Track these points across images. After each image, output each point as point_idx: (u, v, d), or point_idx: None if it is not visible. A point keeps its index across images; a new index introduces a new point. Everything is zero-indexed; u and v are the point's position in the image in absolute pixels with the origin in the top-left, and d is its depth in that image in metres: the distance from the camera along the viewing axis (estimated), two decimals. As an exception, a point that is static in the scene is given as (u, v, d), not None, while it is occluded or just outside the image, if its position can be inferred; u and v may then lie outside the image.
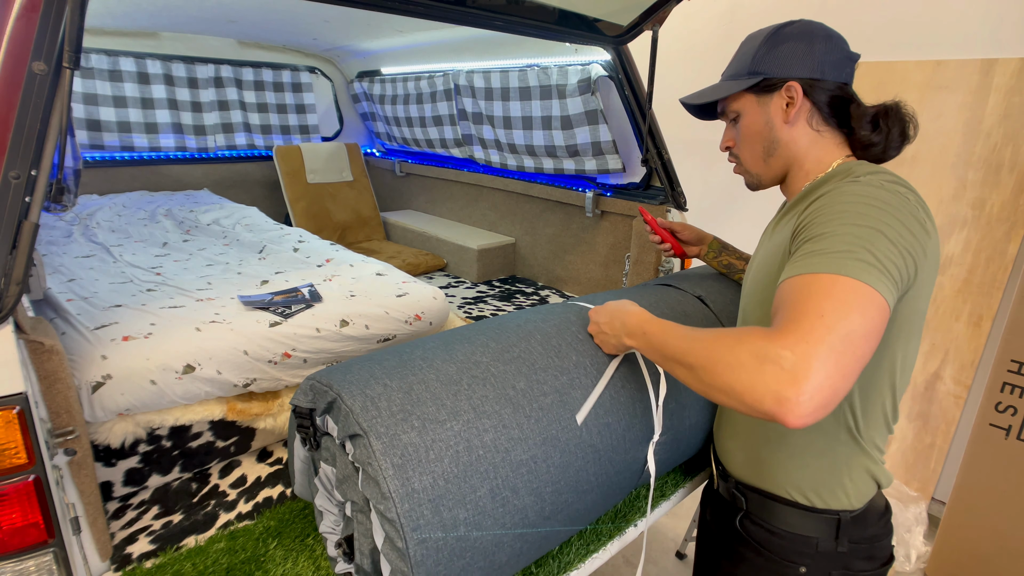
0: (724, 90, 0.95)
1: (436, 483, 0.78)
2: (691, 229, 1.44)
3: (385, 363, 0.89)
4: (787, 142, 0.92)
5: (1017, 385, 1.80)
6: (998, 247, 2.02)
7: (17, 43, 0.73)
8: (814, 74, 0.88)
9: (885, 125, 0.87)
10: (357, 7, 1.32)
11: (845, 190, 0.76)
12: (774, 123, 0.92)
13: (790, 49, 0.89)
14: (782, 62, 0.90)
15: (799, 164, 0.93)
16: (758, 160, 0.97)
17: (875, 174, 0.79)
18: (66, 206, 0.98)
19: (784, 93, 0.90)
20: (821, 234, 0.72)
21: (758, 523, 0.95)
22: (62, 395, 0.94)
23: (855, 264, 0.66)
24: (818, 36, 0.89)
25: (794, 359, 0.60)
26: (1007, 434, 1.82)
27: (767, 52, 0.91)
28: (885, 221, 0.70)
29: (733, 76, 0.96)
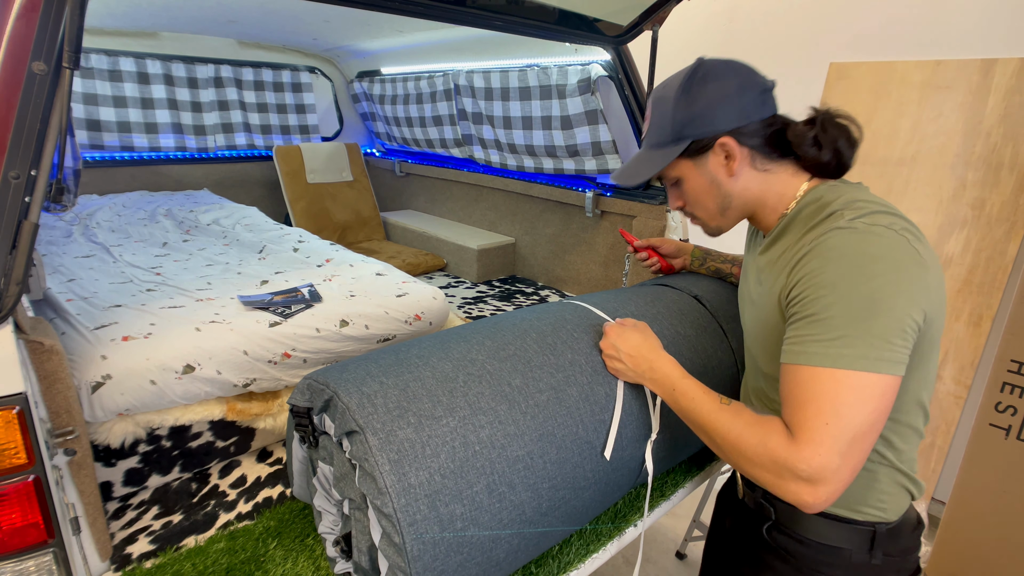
0: (655, 165, 0.91)
1: (432, 478, 0.78)
2: (670, 242, 1.46)
3: (381, 361, 0.90)
4: (739, 192, 0.90)
5: (1017, 385, 1.80)
6: (998, 247, 2.02)
7: (17, 43, 0.73)
8: (741, 122, 0.85)
9: (827, 141, 0.85)
10: (357, 7, 1.32)
11: (832, 246, 0.73)
12: (719, 180, 0.90)
13: (708, 103, 0.86)
14: (704, 120, 0.86)
15: (761, 205, 0.91)
16: (715, 216, 0.95)
17: (857, 211, 0.76)
18: (66, 206, 0.98)
19: (719, 150, 0.87)
20: (813, 314, 0.72)
21: (787, 533, 0.92)
22: (62, 395, 0.94)
23: (851, 353, 0.68)
24: (730, 80, 0.86)
25: (810, 472, 0.69)
26: (1007, 434, 1.82)
27: (685, 112, 0.87)
28: (879, 286, 0.69)
29: (657, 144, 0.92)
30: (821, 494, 0.69)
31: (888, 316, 0.68)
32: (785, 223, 0.87)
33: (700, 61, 0.88)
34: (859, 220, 0.74)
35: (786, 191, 0.88)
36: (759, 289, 0.91)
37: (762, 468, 0.73)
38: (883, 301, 0.68)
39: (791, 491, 0.71)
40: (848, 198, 0.80)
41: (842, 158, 0.85)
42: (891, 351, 0.68)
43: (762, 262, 0.91)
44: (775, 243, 0.89)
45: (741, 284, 1.04)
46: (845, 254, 0.72)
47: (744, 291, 1.01)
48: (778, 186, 0.89)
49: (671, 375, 0.90)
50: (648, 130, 0.94)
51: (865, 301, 0.69)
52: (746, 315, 0.98)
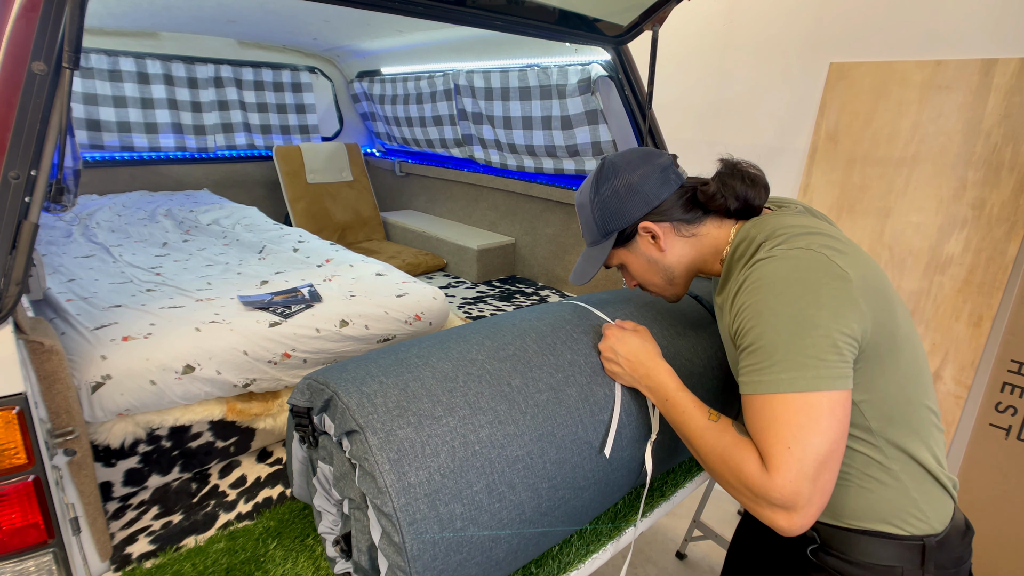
0: (596, 260, 1.01)
1: (432, 478, 0.78)
2: None
3: (381, 361, 0.90)
4: (676, 262, 0.97)
5: (1017, 385, 1.80)
6: (998, 247, 2.02)
7: (17, 43, 0.73)
8: (651, 205, 0.94)
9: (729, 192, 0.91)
10: (357, 7, 1.32)
11: (756, 278, 0.78)
12: (654, 258, 0.98)
13: (617, 198, 0.95)
14: (619, 213, 0.96)
15: (702, 262, 0.97)
16: (664, 287, 1.02)
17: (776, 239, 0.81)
18: (66, 206, 0.98)
19: (643, 233, 0.96)
20: (750, 345, 0.76)
21: (835, 555, 0.90)
22: (62, 395, 0.94)
23: (789, 377, 0.71)
24: (631, 172, 0.95)
25: (782, 499, 0.71)
26: (1007, 434, 1.82)
27: (601, 211, 0.97)
28: (800, 307, 0.72)
29: (592, 243, 1.03)
30: (796, 520, 0.71)
31: (814, 333, 0.71)
32: (726, 266, 0.92)
33: (602, 160, 1.00)
34: (777, 248, 0.79)
35: (718, 242, 0.95)
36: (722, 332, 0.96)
37: (739, 492, 0.76)
38: (806, 320, 0.72)
39: (766, 517, 0.73)
40: (770, 229, 0.84)
41: (751, 201, 0.92)
42: (827, 367, 0.71)
43: (720, 305, 0.94)
44: (724, 286, 0.92)
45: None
46: (765, 283, 0.76)
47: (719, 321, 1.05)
48: (708, 241, 0.95)
49: (667, 385, 0.92)
50: (583, 232, 1.05)
51: (789, 324, 0.72)
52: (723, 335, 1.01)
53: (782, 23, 2.44)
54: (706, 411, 0.85)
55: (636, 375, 0.97)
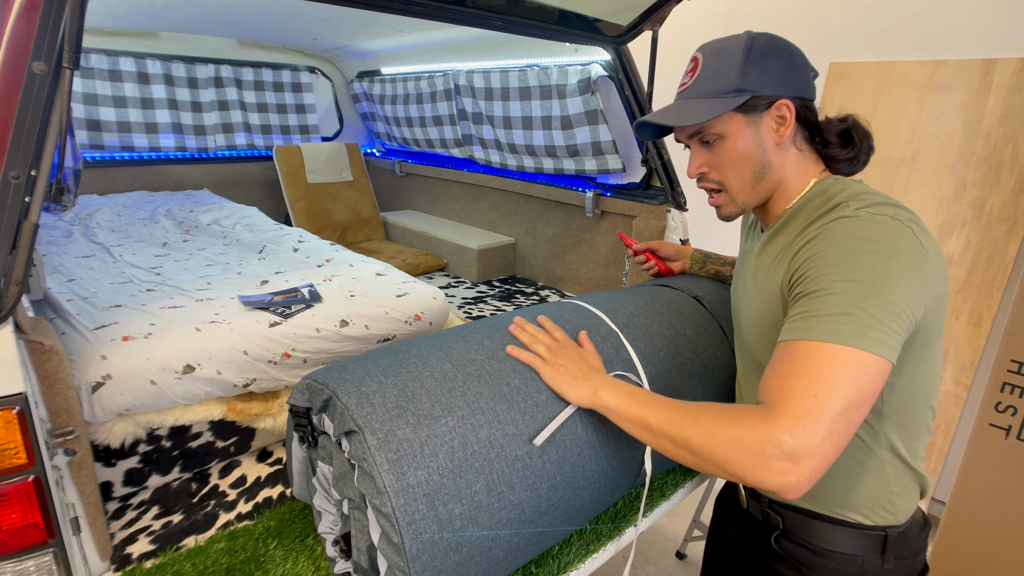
0: (711, 110, 0.84)
1: (431, 478, 0.78)
2: (669, 245, 1.45)
3: (380, 361, 0.90)
4: (776, 165, 0.87)
5: (1017, 385, 1.80)
6: (998, 247, 2.02)
7: (17, 43, 0.73)
8: (799, 92, 0.85)
9: (855, 139, 0.87)
10: (357, 7, 1.32)
11: (836, 231, 0.74)
12: (766, 145, 0.86)
13: (774, 65, 0.84)
14: (770, 79, 0.83)
15: (783, 187, 0.89)
16: (747, 187, 0.89)
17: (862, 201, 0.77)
18: (66, 206, 0.98)
19: (775, 112, 0.84)
20: (815, 291, 0.72)
21: (798, 542, 0.91)
22: (62, 395, 0.94)
23: (849, 330, 0.67)
24: (795, 52, 0.86)
25: (793, 443, 0.65)
26: (1007, 434, 1.82)
27: (751, 67, 0.83)
28: (880, 268, 0.69)
29: (713, 93, 0.85)
30: (804, 470, 0.64)
31: (886, 299, 0.68)
32: (790, 214, 0.88)
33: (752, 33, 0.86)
34: (864, 209, 0.75)
35: (804, 178, 0.88)
36: (759, 283, 0.90)
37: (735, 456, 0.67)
38: (882, 284, 0.68)
39: (773, 470, 0.65)
40: (853, 191, 0.81)
41: (858, 158, 0.88)
42: (887, 334, 0.68)
43: (765, 255, 0.90)
44: (777, 235, 0.89)
45: (736, 281, 1.03)
46: (848, 236, 0.73)
47: (740, 288, 0.99)
48: (803, 172, 0.88)
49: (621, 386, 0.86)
50: (695, 81, 0.88)
51: (865, 282, 0.69)
52: (743, 311, 0.96)
53: (782, 23, 2.44)
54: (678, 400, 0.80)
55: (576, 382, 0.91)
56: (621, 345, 1.07)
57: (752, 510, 1.00)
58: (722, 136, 0.86)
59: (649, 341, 1.11)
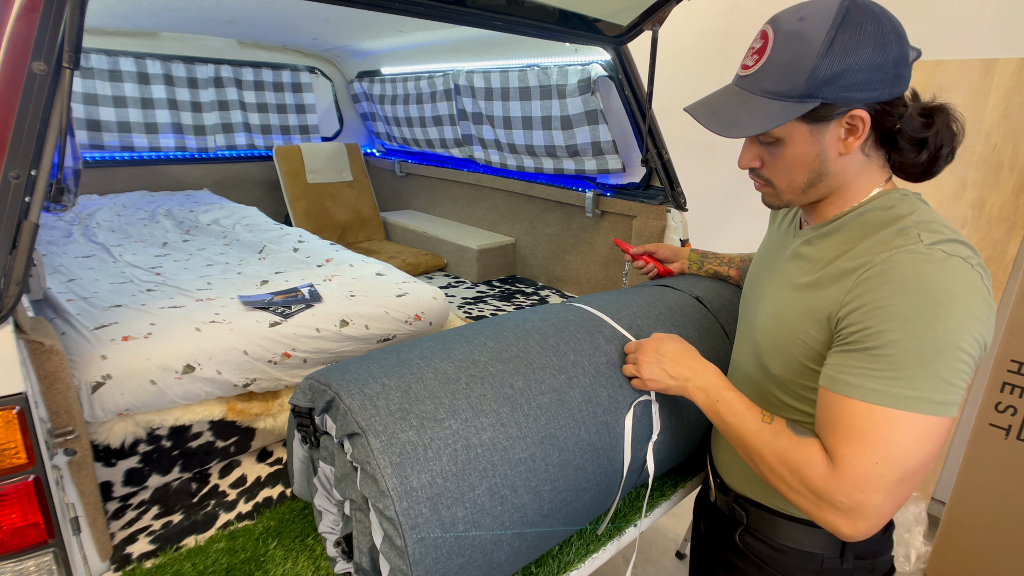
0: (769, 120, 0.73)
1: (434, 481, 0.78)
2: (666, 247, 1.45)
3: (383, 362, 0.90)
4: (838, 172, 0.77)
5: (1017, 385, 1.80)
6: (998, 247, 2.02)
7: (17, 43, 0.73)
8: (883, 96, 0.71)
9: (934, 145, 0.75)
10: (357, 7, 1.32)
11: (908, 273, 0.66)
12: (827, 155, 0.76)
13: (860, 65, 0.69)
14: (852, 84, 0.70)
15: (840, 192, 0.80)
16: (797, 191, 0.81)
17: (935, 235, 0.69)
18: (66, 206, 0.98)
19: (846, 121, 0.73)
20: (879, 347, 0.66)
21: (760, 538, 0.92)
22: (62, 395, 0.94)
23: (915, 396, 0.65)
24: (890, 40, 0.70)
25: (850, 505, 0.67)
26: (1007, 434, 1.82)
27: (833, 68, 0.69)
28: (955, 327, 0.64)
29: (776, 93, 0.73)
30: (860, 527, 0.67)
31: (956, 359, 0.65)
32: (844, 221, 0.79)
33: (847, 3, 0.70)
34: (938, 247, 0.67)
35: (863, 186, 0.79)
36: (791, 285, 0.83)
37: (799, 495, 0.72)
38: (954, 344, 0.64)
39: (828, 521, 0.69)
40: (923, 216, 0.72)
41: (936, 166, 0.77)
42: (953, 394, 0.65)
43: (805, 253, 0.83)
44: (825, 238, 0.81)
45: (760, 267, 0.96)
46: (921, 286, 0.65)
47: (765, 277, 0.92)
48: (866, 178, 0.79)
49: (715, 383, 0.87)
50: (761, 69, 0.74)
51: (937, 342, 0.64)
52: (763, 305, 0.89)
53: (782, 23, 2.43)
54: (758, 411, 0.81)
55: (681, 374, 0.90)
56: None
57: (719, 503, 1.01)
58: (781, 140, 0.77)
59: None
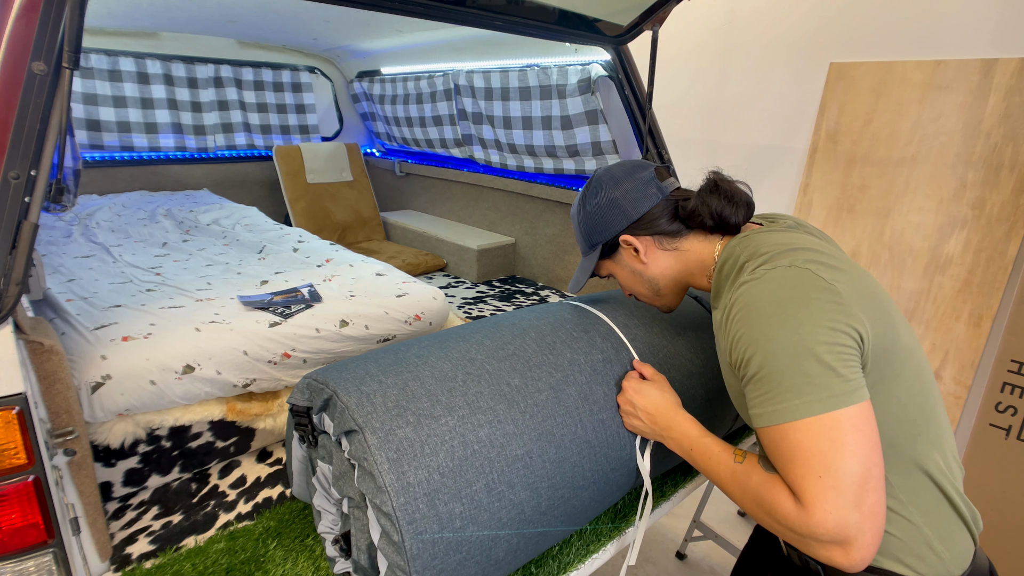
0: (586, 270, 1.05)
1: (432, 477, 0.78)
2: None
3: (381, 361, 0.90)
4: (660, 274, 0.98)
5: (1017, 385, 1.80)
6: (998, 247, 2.02)
7: (17, 43, 0.73)
8: (631, 219, 0.95)
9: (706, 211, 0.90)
10: (357, 7, 1.32)
11: (745, 302, 0.75)
12: (637, 269, 0.99)
13: (600, 212, 0.98)
14: (602, 226, 0.98)
15: (689, 276, 0.97)
16: (653, 298, 1.03)
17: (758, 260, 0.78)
18: (66, 206, 0.98)
19: (625, 246, 0.98)
20: (755, 375, 0.72)
21: None
22: (62, 395, 0.94)
23: (802, 402, 0.67)
24: (607, 186, 0.97)
25: (830, 535, 0.66)
26: (1007, 434, 1.82)
27: (587, 224, 1.01)
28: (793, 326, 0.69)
29: (583, 252, 1.06)
30: (853, 554, 0.66)
31: (816, 351, 0.67)
32: (715, 284, 0.90)
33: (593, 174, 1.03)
34: (760, 268, 0.76)
35: (704, 257, 0.94)
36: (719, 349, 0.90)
37: (785, 536, 0.71)
38: (804, 340, 0.68)
39: (822, 556, 0.68)
40: (753, 248, 0.82)
41: (727, 218, 0.90)
42: (838, 383, 0.67)
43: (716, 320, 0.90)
44: (716, 302, 0.90)
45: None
46: (754, 308, 0.73)
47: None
48: (693, 256, 0.95)
49: (689, 434, 0.90)
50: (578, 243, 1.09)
51: (788, 347, 0.69)
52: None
53: (782, 23, 2.44)
54: (731, 453, 0.82)
55: (657, 428, 0.95)
56: (622, 345, 1.07)
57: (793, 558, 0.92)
58: (612, 274, 1.06)
59: (649, 341, 1.11)
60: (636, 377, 1.00)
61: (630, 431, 1.01)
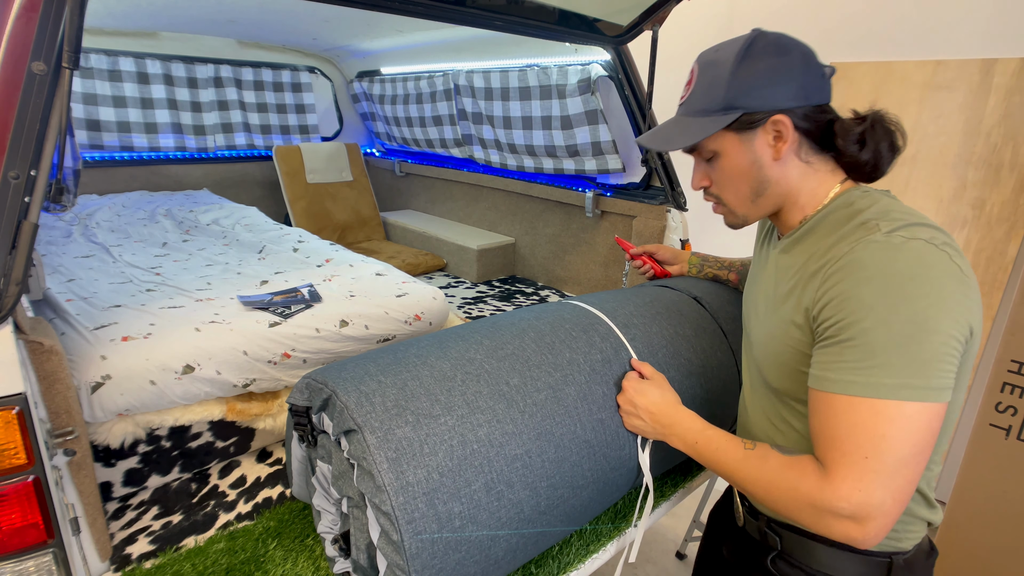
0: (698, 132, 0.82)
1: (431, 476, 0.78)
2: (667, 249, 1.44)
3: (380, 361, 0.90)
4: (777, 180, 0.82)
5: (1017, 385, 1.80)
6: (998, 247, 2.02)
7: (17, 43, 0.74)
8: (799, 101, 0.78)
9: (872, 142, 0.80)
10: (357, 7, 1.32)
11: (867, 262, 0.68)
12: (762, 162, 0.82)
13: (768, 74, 0.78)
14: (762, 92, 0.78)
15: (792, 200, 0.84)
16: (745, 202, 0.86)
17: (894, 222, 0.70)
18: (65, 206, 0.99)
19: (770, 128, 0.79)
20: (850, 338, 0.67)
21: (795, 564, 0.87)
22: (62, 395, 0.94)
23: (892, 383, 0.64)
24: (795, 54, 0.78)
25: (851, 509, 0.65)
26: (1007, 434, 1.82)
27: (743, 80, 0.78)
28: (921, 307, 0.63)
29: (703, 111, 0.82)
30: (870, 530, 0.65)
31: (932, 339, 0.63)
32: (811, 225, 0.82)
33: (759, 32, 0.81)
34: (896, 233, 0.69)
35: (819, 189, 0.83)
36: (776, 297, 0.85)
37: (799, 512, 0.70)
38: (924, 324, 0.63)
39: (837, 532, 0.67)
40: (883, 207, 0.75)
41: (880, 162, 0.81)
42: (937, 377, 0.64)
43: (782, 263, 0.85)
44: (797, 244, 0.84)
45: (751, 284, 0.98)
46: (882, 272, 0.66)
47: (753, 296, 0.94)
48: (815, 183, 0.83)
49: (692, 428, 0.88)
50: (690, 95, 0.84)
51: (907, 324, 0.63)
52: (754, 323, 0.92)
53: (782, 23, 2.44)
54: (739, 443, 0.81)
55: (659, 426, 0.93)
56: (621, 345, 1.07)
57: (749, 528, 0.96)
58: (718, 154, 0.84)
59: (648, 341, 1.11)
60: (636, 377, 0.99)
61: (631, 431, 1.00)
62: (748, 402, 0.96)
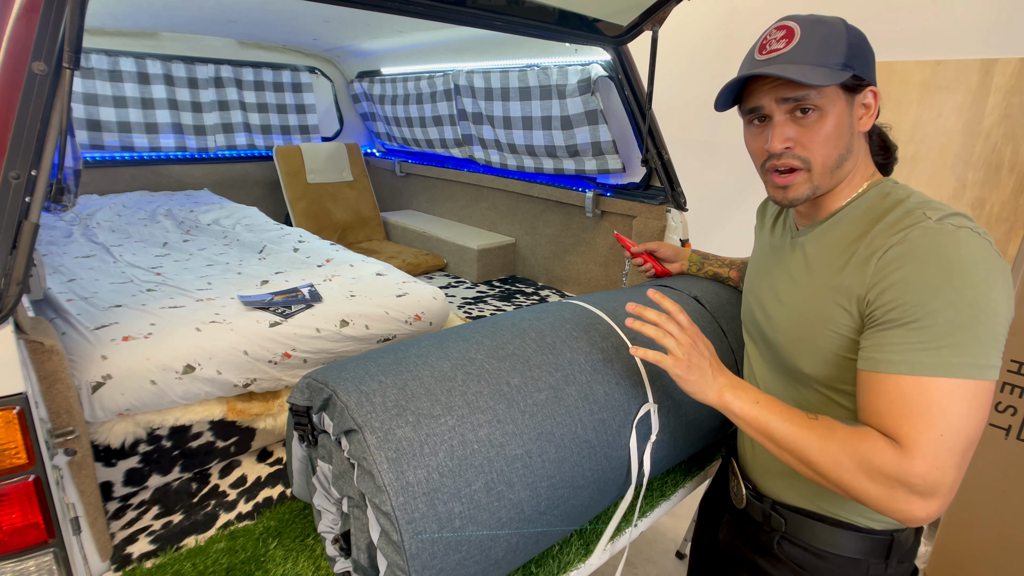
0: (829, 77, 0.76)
1: (431, 476, 0.78)
2: (667, 247, 1.44)
3: (380, 361, 0.90)
4: (855, 152, 0.83)
5: (1017, 385, 1.80)
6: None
7: (17, 43, 0.74)
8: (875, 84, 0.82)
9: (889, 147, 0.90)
10: (357, 7, 1.32)
11: (927, 247, 0.70)
12: (854, 128, 0.81)
13: (867, 51, 0.80)
14: (867, 60, 0.80)
15: (848, 179, 0.84)
16: (830, 167, 0.81)
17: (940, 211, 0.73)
18: (66, 206, 0.98)
19: (867, 96, 0.81)
20: (915, 320, 0.69)
21: (800, 545, 0.89)
22: (62, 395, 0.94)
23: (960, 362, 0.67)
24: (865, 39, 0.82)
25: (925, 487, 0.67)
26: (1007, 434, 1.82)
27: (854, 45, 0.78)
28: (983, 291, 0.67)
29: (821, 63, 0.76)
30: (933, 508, 0.68)
31: (992, 322, 0.67)
32: (844, 213, 0.84)
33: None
34: (946, 221, 0.72)
35: (859, 176, 0.85)
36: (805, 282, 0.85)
37: (868, 483, 0.69)
38: (986, 306, 0.67)
39: (901, 506, 0.68)
40: (921, 198, 0.78)
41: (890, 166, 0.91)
42: (995, 356, 0.67)
43: (813, 250, 0.86)
44: (829, 232, 0.84)
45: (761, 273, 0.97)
46: (946, 257, 0.69)
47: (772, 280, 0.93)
48: (863, 167, 0.85)
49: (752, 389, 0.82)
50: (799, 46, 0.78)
51: (970, 307, 0.67)
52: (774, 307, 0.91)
53: (782, 23, 2.44)
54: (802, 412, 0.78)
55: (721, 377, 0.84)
56: (622, 344, 1.08)
57: (751, 511, 0.98)
58: (821, 110, 0.78)
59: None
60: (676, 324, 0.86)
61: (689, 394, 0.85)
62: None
